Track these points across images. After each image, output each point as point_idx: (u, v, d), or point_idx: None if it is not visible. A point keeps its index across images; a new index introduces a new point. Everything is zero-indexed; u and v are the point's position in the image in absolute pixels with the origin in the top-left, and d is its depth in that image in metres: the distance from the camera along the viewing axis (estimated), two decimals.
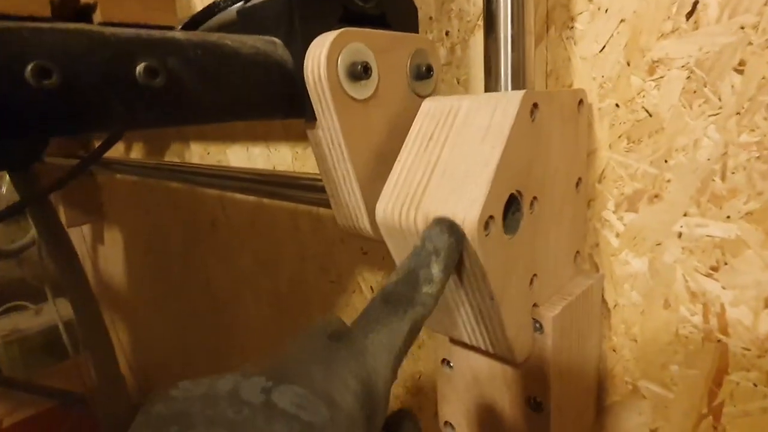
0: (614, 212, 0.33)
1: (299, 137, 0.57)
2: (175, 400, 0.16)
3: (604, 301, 0.35)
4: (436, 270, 0.21)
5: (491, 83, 0.30)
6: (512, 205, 0.26)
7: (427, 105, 0.29)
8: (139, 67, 0.20)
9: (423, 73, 0.31)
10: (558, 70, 0.34)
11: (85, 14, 0.20)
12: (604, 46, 0.31)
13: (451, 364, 0.35)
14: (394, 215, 0.26)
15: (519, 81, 0.29)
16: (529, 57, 0.29)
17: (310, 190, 0.41)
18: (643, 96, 0.30)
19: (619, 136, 0.32)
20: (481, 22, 0.37)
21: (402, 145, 0.29)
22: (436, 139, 0.27)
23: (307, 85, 0.26)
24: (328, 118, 0.27)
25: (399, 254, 0.28)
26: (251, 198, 0.68)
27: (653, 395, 0.34)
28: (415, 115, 0.30)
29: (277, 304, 0.71)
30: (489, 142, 0.24)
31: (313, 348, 0.19)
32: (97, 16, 0.20)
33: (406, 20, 0.32)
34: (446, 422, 0.37)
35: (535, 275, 0.28)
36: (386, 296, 0.20)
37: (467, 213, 0.23)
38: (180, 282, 0.99)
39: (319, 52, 0.25)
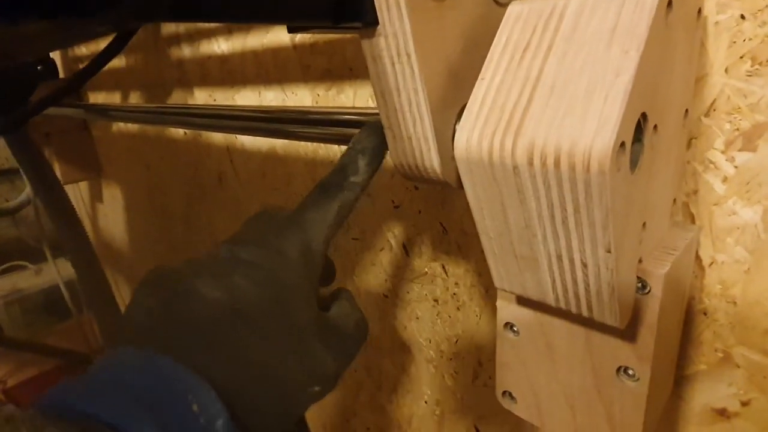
0: (723, 152, 0.27)
1: (320, 77, 0.50)
2: (163, 268, 0.23)
3: (698, 257, 0.30)
4: (362, 163, 0.26)
5: None
6: (635, 132, 0.20)
7: (515, 8, 0.23)
8: None
9: None
10: None
11: None
12: None
13: (516, 329, 0.30)
14: (482, 146, 0.20)
15: None
16: None
17: (336, 125, 0.35)
18: None
19: (741, 57, 0.26)
20: None
21: (481, 62, 0.23)
22: (535, 48, 0.21)
23: None
24: (395, 20, 0.21)
25: (482, 197, 0.22)
26: (263, 147, 0.62)
27: (750, 364, 0.29)
28: (495, 26, 0.24)
29: None
30: (619, 45, 0.18)
31: (265, 225, 0.26)
32: None
33: None
34: (506, 392, 0.33)
35: (644, 223, 0.23)
36: (321, 185, 0.26)
37: (596, 139, 0.17)
38: (184, 241, 0.94)
39: None
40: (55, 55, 1.01)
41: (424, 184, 0.26)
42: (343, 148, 0.51)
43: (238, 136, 0.66)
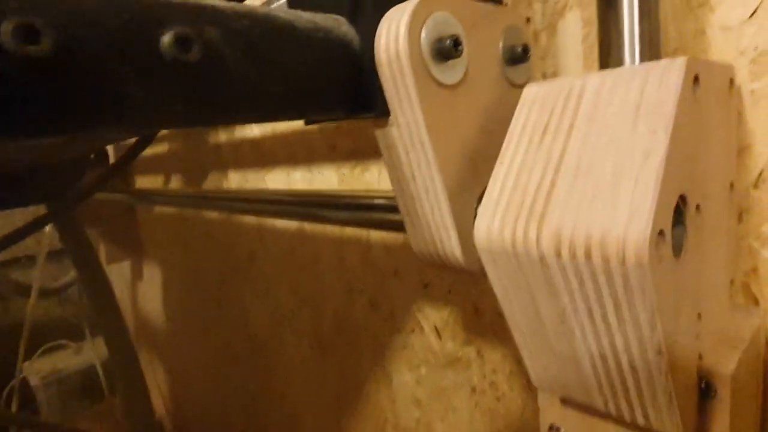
0: None
1: (345, 157, 0.51)
2: None
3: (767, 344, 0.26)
4: None
5: (611, 55, 0.23)
6: (674, 215, 0.18)
7: (532, 90, 0.22)
8: (167, 36, 0.14)
9: (518, 55, 0.24)
10: (686, 47, 0.26)
11: None
12: (755, 11, 0.24)
13: None
14: (504, 234, 0.19)
15: (651, 51, 0.22)
16: (664, 27, 0.22)
17: (362, 209, 0.35)
18: None
19: None
20: (572, 2, 0.31)
21: (499, 144, 0.22)
22: (555, 129, 0.20)
23: (379, 69, 0.20)
24: (407, 110, 0.20)
25: (510, 289, 0.20)
26: (291, 227, 0.63)
27: None
28: (510, 108, 0.24)
29: (319, 345, 0.64)
30: (645, 124, 0.17)
31: None
32: None
33: None
34: None
35: (699, 314, 0.20)
36: None
37: (629, 228, 0.16)
38: (216, 320, 0.94)
39: (396, 24, 0.19)
40: None
41: (448, 271, 0.25)
42: (373, 237, 0.51)
43: None
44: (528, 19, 0.33)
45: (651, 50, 0.22)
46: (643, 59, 0.22)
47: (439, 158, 0.21)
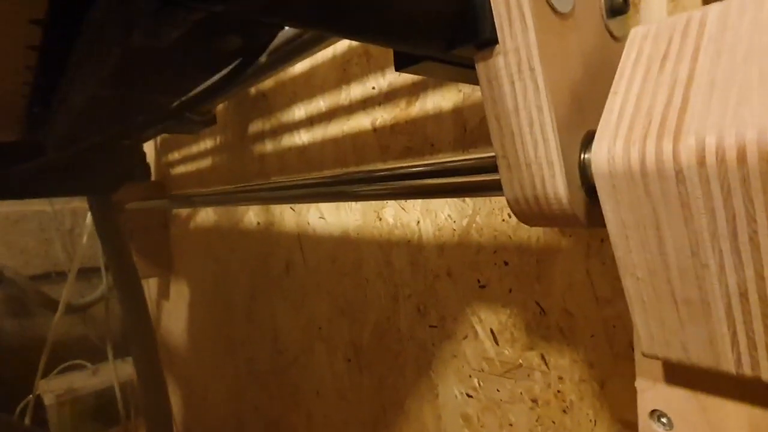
0: None
1: (399, 155, 0.51)
2: None
3: None
4: None
5: None
6: None
7: (640, 29, 0.21)
8: None
9: (618, 5, 0.24)
10: None
11: None
12: None
13: (668, 419, 0.23)
14: (630, 154, 0.17)
15: None
16: None
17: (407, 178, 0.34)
18: None
19: None
20: None
21: (601, 92, 0.21)
22: (676, 55, 0.19)
23: None
24: (518, 34, 0.20)
25: (629, 222, 0.19)
26: (335, 231, 0.62)
27: None
28: (611, 60, 0.23)
29: (357, 358, 0.61)
30: None
31: None
32: None
33: None
34: None
35: None
36: None
37: None
38: (243, 337, 0.91)
39: None
40: (150, 160, 1.13)
41: (542, 223, 0.23)
42: (426, 238, 0.50)
43: (310, 221, 0.66)
44: None
45: None
46: None
47: (549, 85, 0.20)
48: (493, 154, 0.29)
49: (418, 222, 0.49)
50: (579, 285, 0.36)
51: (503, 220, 0.41)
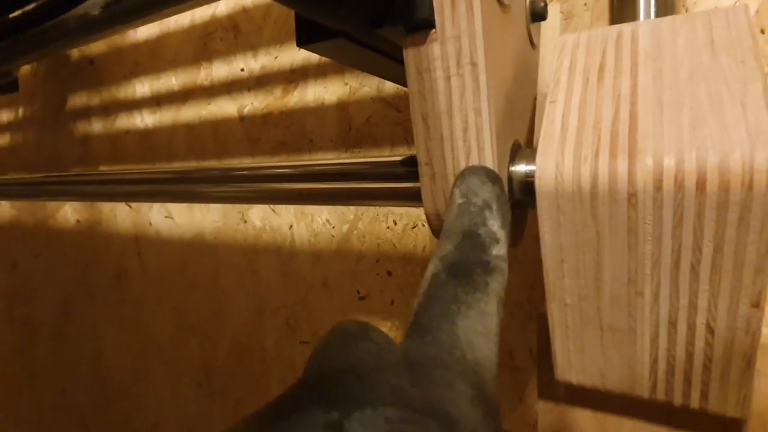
0: None
1: (271, 150, 0.44)
2: None
3: None
4: (496, 226, 0.16)
5: (626, 9, 0.23)
6: None
7: (570, 37, 0.20)
8: None
9: (540, 10, 0.22)
10: None
11: None
12: None
13: None
14: (580, 172, 0.16)
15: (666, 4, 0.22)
16: None
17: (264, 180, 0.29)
18: None
19: None
20: None
21: (522, 100, 0.19)
22: (614, 68, 0.18)
23: None
24: (461, 21, 0.17)
25: (567, 245, 0.17)
26: (185, 234, 0.52)
27: None
28: (528, 69, 0.22)
29: (209, 382, 0.52)
30: (728, 56, 0.16)
31: (372, 358, 0.13)
32: None
33: None
34: None
35: None
36: (452, 268, 0.16)
37: (756, 147, 0.14)
38: (51, 364, 0.72)
39: None
40: None
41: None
42: (299, 244, 0.44)
43: (152, 221, 0.55)
44: None
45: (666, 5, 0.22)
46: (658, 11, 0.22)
47: (491, 85, 0.17)
48: (385, 158, 0.25)
49: (291, 226, 0.44)
50: None
51: (388, 228, 0.38)
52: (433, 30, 0.17)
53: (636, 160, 0.15)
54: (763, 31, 0.25)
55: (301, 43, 0.20)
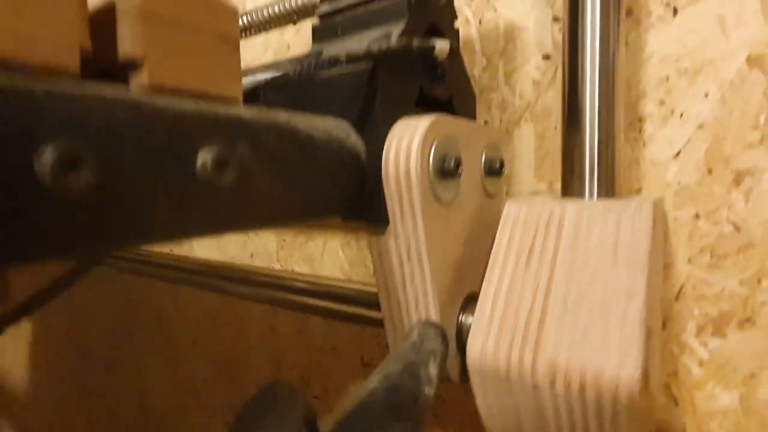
0: (696, 336, 0.29)
1: None
2: None
3: None
4: (433, 372, 0.20)
5: (574, 184, 0.26)
6: None
7: (513, 210, 0.24)
8: (203, 155, 0.13)
9: (495, 169, 0.26)
10: (624, 172, 0.31)
11: (121, 73, 0.13)
12: (679, 152, 0.29)
13: None
14: (499, 357, 0.20)
15: (608, 183, 0.25)
16: (619, 157, 0.26)
17: (322, 297, 0.34)
18: (729, 208, 0.28)
19: (701, 250, 0.29)
20: (528, 115, 0.34)
21: (480, 250, 0.23)
22: (540, 253, 0.22)
23: (384, 181, 0.21)
24: (409, 224, 0.21)
25: (494, 406, 0.21)
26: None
27: None
28: (486, 219, 0.25)
29: None
30: (625, 265, 0.19)
31: None
32: (142, 77, 0.13)
33: (468, 105, 0.28)
34: None
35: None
36: (389, 389, 0.18)
37: (622, 369, 0.17)
38: (103, 386, 0.81)
39: (408, 141, 0.20)
40: None
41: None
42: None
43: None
44: (485, 122, 0.36)
45: (606, 181, 0.25)
46: (602, 188, 0.26)
47: (433, 272, 0.21)
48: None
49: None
50: None
51: None
52: (389, 225, 0.21)
53: (539, 356, 0.19)
54: (710, 171, 0.28)
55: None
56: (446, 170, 0.21)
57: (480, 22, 0.36)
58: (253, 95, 0.21)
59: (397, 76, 0.21)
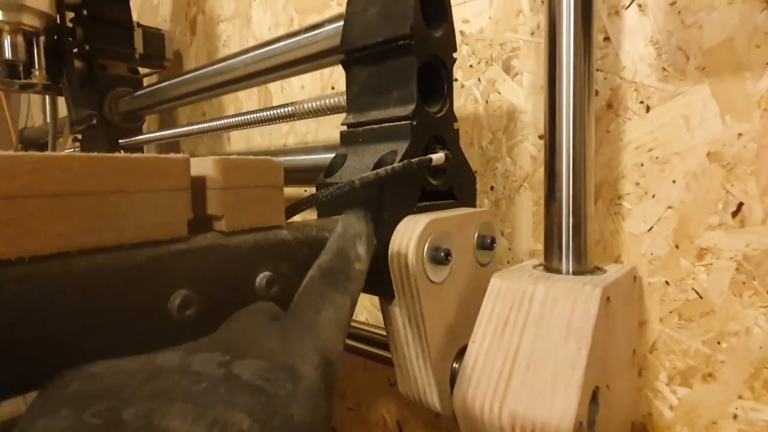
0: (667, 384, 0.34)
1: None
2: (97, 377, 0.15)
3: None
4: (361, 250, 0.23)
5: (553, 250, 0.31)
6: (591, 400, 0.26)
7: (497, 284, 0.30)
8: (260, 278, 0.20)
9: (487, 244, 0.32)
10: (606, 241, 0.36)
11: (207, 222, 0.21)
12: (652, 227, 0.34)
13: None
14: (475, 406, 0.26)
15: (580, 248, 0.30)
16: (590, 224, 0.31)
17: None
18: (693, 278, 0.32)
19: (670, 312, 0.33)
20: (527, 184, 0.40)
21: (470, 318, 0.29)
22: (513, 324, 0.28)
23: (390, 266, 0.27)
24: (408, 300, 0.27)
25: None
26: None
27: None
28: (480, 283, 0.31)
29: None
30: (574, 341, 0.25)
31: (261, 326, 0.19)
32: (222, 225, 0.20)
33: (468, 190, 0.34)
34: None
35: None
36: (324, 272, 0.22)
37: (562, 420, 0.23)
38: None
39: (407, 239, 0.27)
40: None
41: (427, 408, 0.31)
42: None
43: None
44: (492, 188, 0.42)
45: (578, 246, 0.30)
46: (575, 252, 0.31)
47: (429, 336, 0.28)
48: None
49: None
50: None
51: None
52: (395, 299, 0.28)
53: (504, 408, 0.25)
54: (677, 246, 0.33)
55: None
56: (438, 259, 0.27)
57: (486, 102, 0.41)
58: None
59: (401, 185, 0.28)
